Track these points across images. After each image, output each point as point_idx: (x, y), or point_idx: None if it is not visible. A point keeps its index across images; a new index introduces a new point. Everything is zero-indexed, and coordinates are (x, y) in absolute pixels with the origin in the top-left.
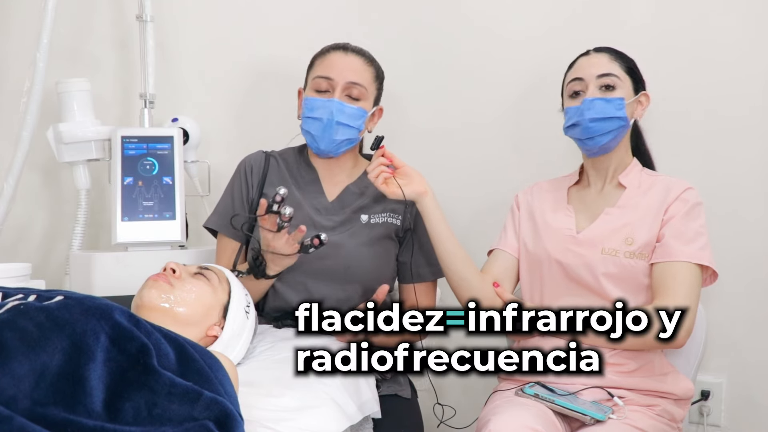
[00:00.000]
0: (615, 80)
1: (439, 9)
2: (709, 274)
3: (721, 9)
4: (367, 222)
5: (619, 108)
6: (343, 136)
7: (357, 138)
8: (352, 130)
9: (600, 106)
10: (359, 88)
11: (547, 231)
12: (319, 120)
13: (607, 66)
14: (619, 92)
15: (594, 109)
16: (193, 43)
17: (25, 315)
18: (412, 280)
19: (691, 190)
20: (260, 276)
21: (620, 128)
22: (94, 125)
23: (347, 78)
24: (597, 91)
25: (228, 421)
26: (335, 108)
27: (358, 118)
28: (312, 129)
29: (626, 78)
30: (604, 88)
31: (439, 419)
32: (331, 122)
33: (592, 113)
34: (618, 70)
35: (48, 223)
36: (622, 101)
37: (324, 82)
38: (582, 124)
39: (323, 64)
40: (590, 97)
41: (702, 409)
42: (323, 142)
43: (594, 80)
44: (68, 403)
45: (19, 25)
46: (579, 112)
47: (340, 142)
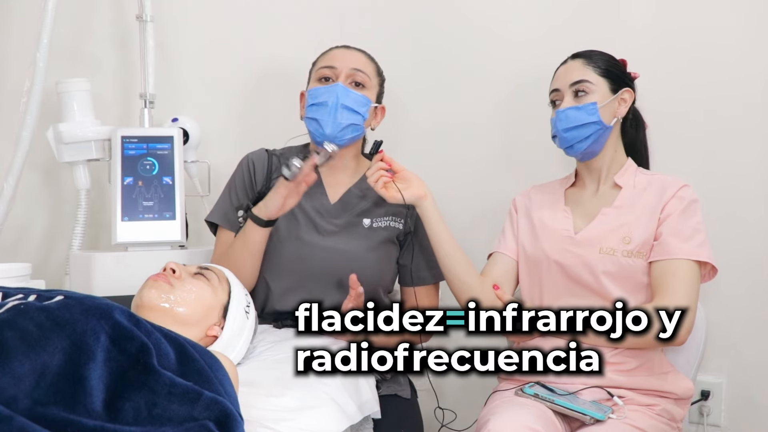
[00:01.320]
0: (587, 86)
1: (439, 8)
2: (708, 270)
3: (721, 9)
4: (369, 226)
5: (591, 113)
6: (347, 120)
7: (361, 128)
8: (357, 116)
9: (572, 114)
10: (362, 75)
11: (545, 232)
12: (324, 104)
13: (579, 73)
14: (592, 97)
15: (567, 119)
16: (193, 43)
17: (26, 315)
18: (412, 283)
19: (686, 188)
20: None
21: (597, 131)
22: (94, 125)
23: (350, 65)
24: (571, 100)
25: (228, 421)
26: (340, 91)
27: (363, 105)
28: (317, 114)
29: (600, 81)
30: (575, 95)
31: (440, 423)
32: (336, 105)
33: (565, 123)
34: (591, 74)
35: (48, 223)
36: (595, 105)
37: (327, 71)
38: (558, 134)
39: (326, 58)
40: (563, 108)
41: (702, 409)
42: (328, 126)
43: (568, 89)
44: (68, 402)
45: (19, 25)
46: (555, 123)
47: (345, 127)
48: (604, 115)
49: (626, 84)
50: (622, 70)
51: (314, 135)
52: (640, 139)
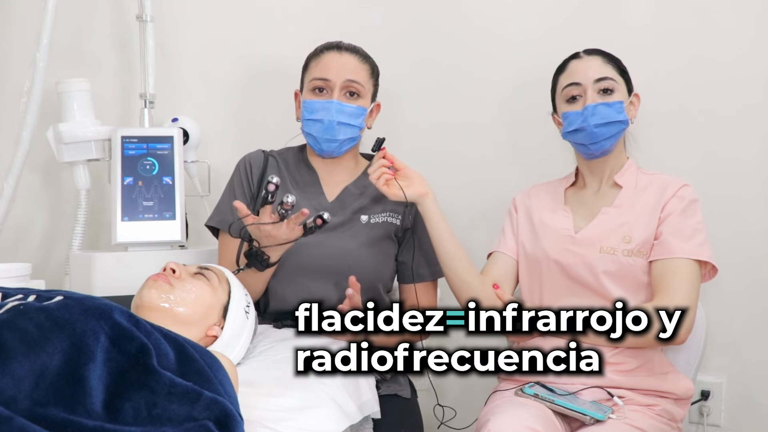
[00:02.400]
0: (613, 83)
1: (439, 8)
2: (708, 270)
3: (721, 9)
4: (367, 222)
5: (620, 111)
6: (345, 136)
7: (358, 136)
8: (354, 128)
9: (603, 111)
10: (357, 86)
11: (545, 232)
12: (320, 122)
13: (602, 69)
14: (618, 95)
15: (598, 115)
16: (193, 43)
17: (25, 315)
18: (412, 280)
19: (687, 187)
20: (263, 267)
21: (621, 131)
22: (94, 125)
23: (344, 76)
24: (596, 96)
25: (228, 421)
26: (335, 109)
27: (358, 116)
28: (313, 131)
29: (621, 80)
30: (602, 92)
31: (440, 420)
32: (332, 123)
33: (597, 119)
34: (613, 72)
35: (48, 223)
36: (622, 104)
37: (321, 84)
38: (586, 129)
39: (318, 66)
40: (592, 103)
41: (702, 409)
42: (325, 144)
43: (592, 84)
44: (68, 403)
45: (19, 25)
46: (582, 118)
47: (342, 142)
48: (628, 115)
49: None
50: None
51: (312, 146)
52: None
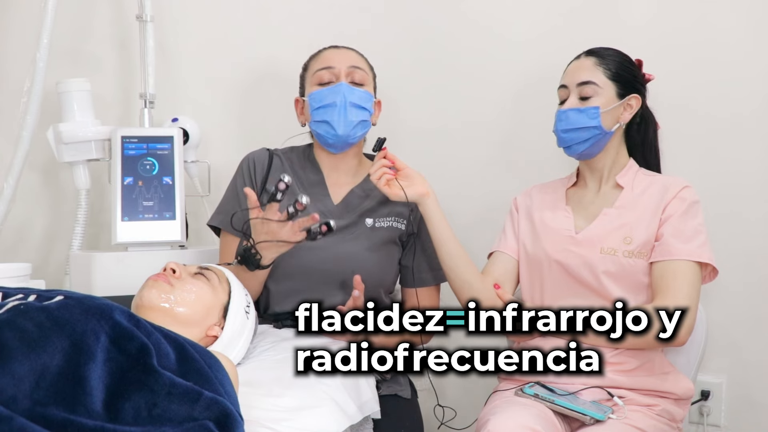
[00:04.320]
0: (593, 89)
1: (439, 8)
2: (709, 271)
3: (722, 9)
4: (371, 226)
5: (592, 117)
6: (358, 118)
7: (369, 123)
8: (365, 111)
9: (573, 116)
10: (361, 72)
11: (545, 232)
12: (332, 105)
13: (588, 73)
14: (596, 101)
15: (567, 120)
16: (193, 43)
17: (25, 315)
18: (414, 284)
19: (688, 189)
20: (254, 267)
21: (596, 136)
22: (94, 125)
23: (348, 63)
24: (576, 101)
25: (228, 421)
26: (345, 89)
27: (368, 100)
28: (326, 116)
29: (608, 84)
30: (581, 98)
31: (440, 421)
32: (345, 103)
33: (564, 124)
34: (599, 76)
35: (48, 223)
36: (597, 110)
37: (326, 73)
38: (557, 134)
39: (320, 60)
40: (564, 108)
41: (702, 409)
42: (341, 126)
43: (575, 88)
44: (68, 403)
45: (19, 25)
46: (555, 122)
47: (356, 124)
48: (606, 120)
49: (635, 89)
50: (634, 74)
51: (325, 137)
52: (649, 142)
